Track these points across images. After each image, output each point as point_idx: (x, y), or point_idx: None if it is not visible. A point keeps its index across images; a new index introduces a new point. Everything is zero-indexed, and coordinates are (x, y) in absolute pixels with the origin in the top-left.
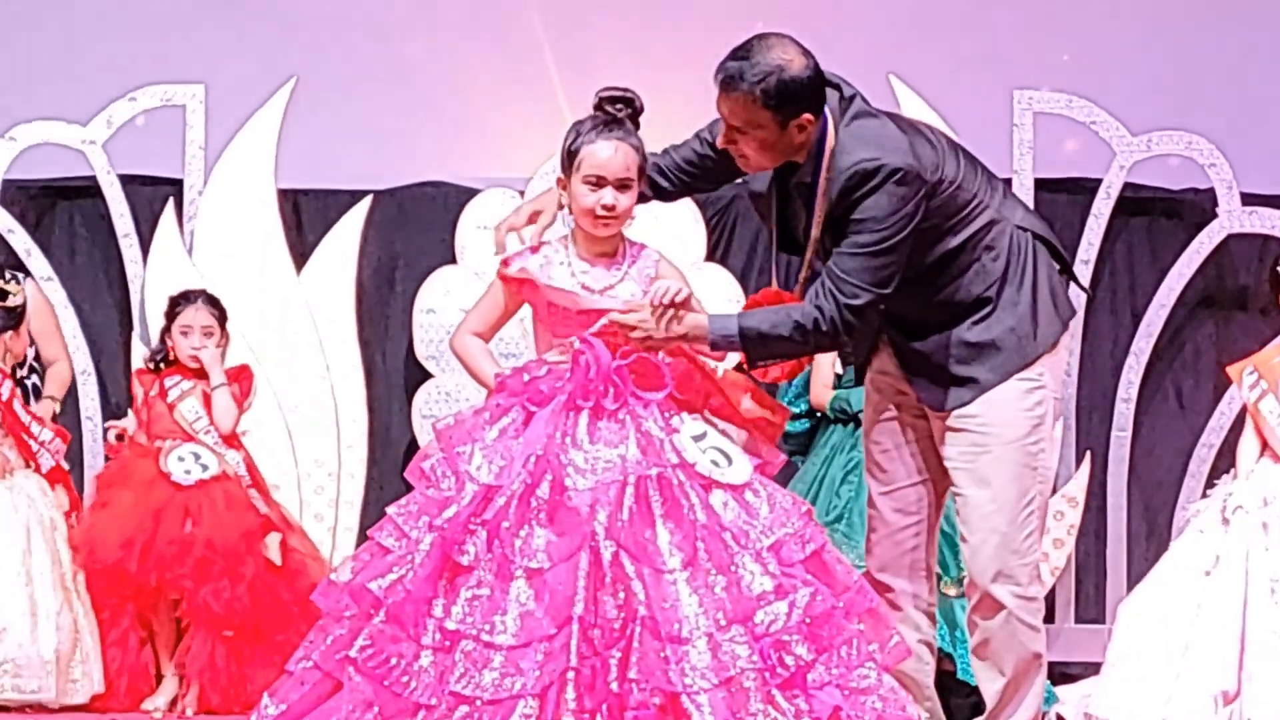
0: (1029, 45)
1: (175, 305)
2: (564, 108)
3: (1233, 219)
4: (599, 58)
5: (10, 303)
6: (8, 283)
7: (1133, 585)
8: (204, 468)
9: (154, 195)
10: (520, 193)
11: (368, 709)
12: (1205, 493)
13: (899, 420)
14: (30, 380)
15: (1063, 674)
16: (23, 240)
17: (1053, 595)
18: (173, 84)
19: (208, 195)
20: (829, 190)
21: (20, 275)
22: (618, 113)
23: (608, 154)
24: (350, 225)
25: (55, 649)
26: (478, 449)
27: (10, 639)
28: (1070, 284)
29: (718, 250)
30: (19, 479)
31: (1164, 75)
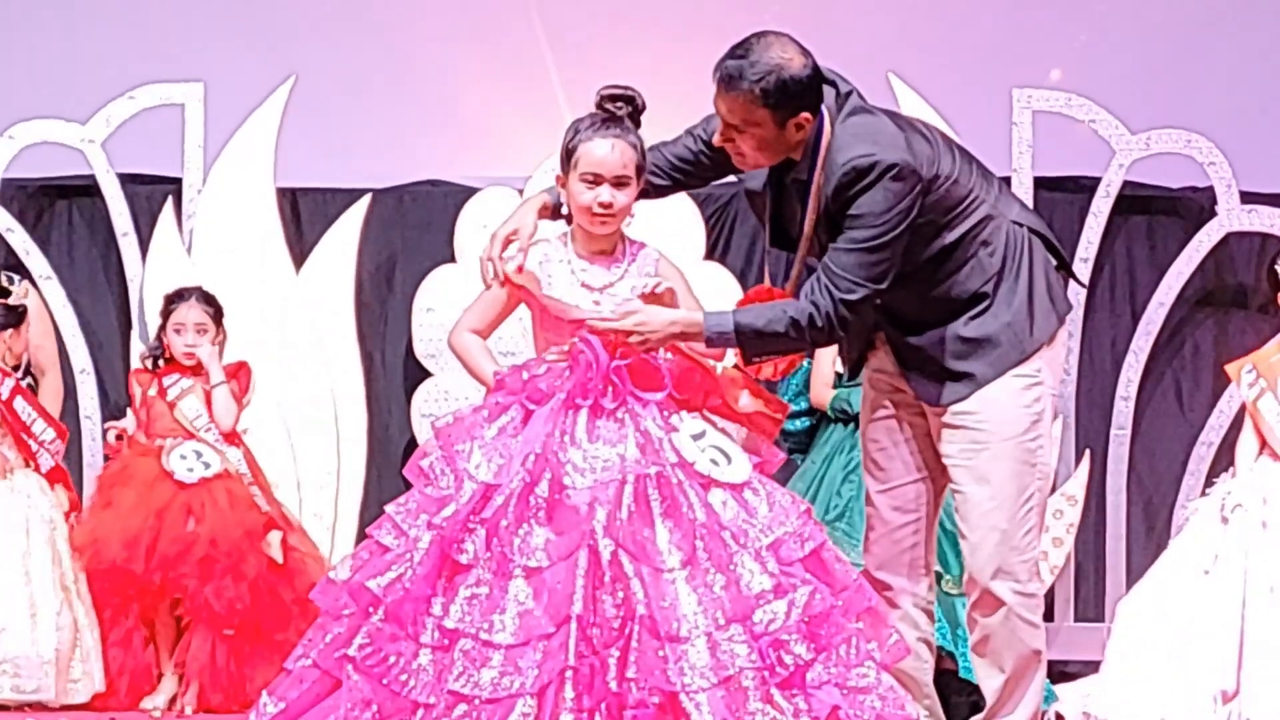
0: (1028, 44)
1: (170, 303)
2: (564, 107)
3: (1232, 217)
4: (599, 57)
5: (11, 300)
6: (9, 283)
7: (1132, 584)
8: (206, 465)
9: (153, 194)
10: (519, 191)
11: (366, 707)
12: (1204, 491)
13: (896, 417)
14: (25, 381)
15: (1062, 672)
16: (21, 239)
17: (1052, 594)
18: (172, 83)
19: (207, 194)
20: (825, 186)
21: (18, 279)
22: (618, 111)
23: (604, 151)
24: (349, 224)
25: (55, 649)
26: (476, 447)
27: (9, 638)
28: (1068, 279)
29: (717, 248)
30: (19, 478)
31: (1163, 73)
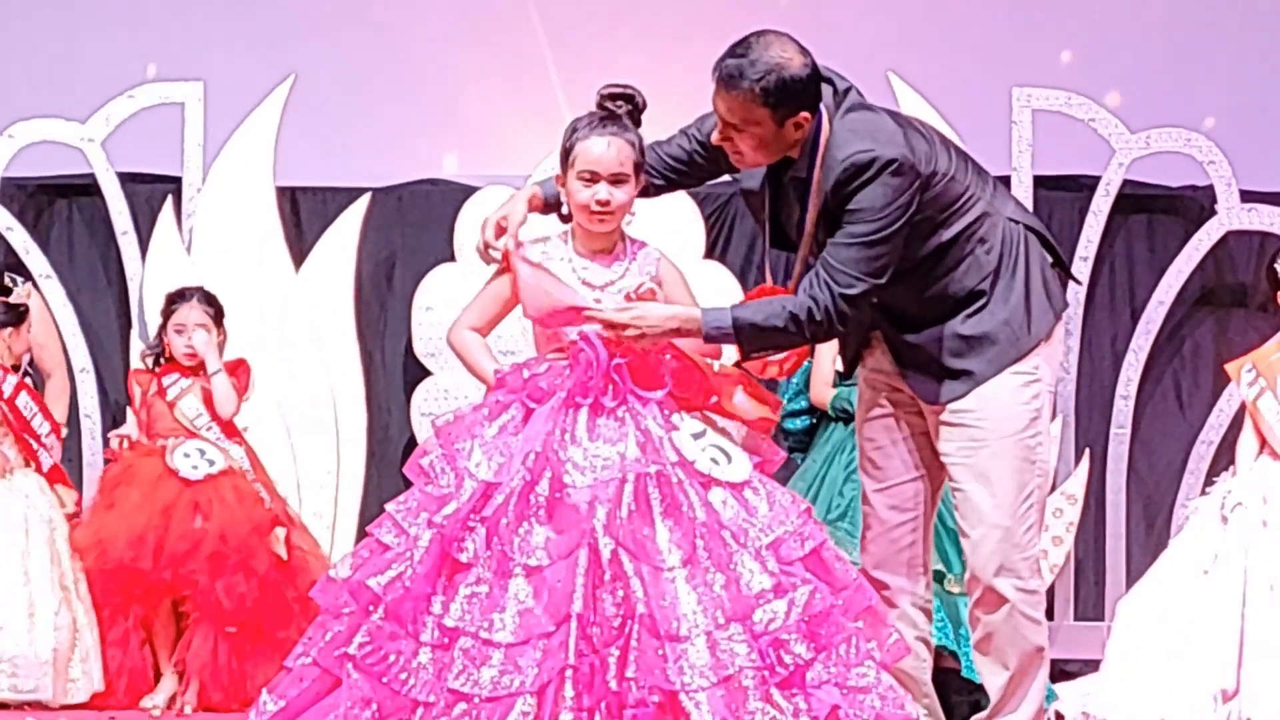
0: (1028, 44)
1: (171, 303)
2: (564, 106)
3: (1232, 216)
4: (599, 57)
5: (12, 299)
6: (12, 284)
7: (1132, 583)
8: (210, 463)
9: (152, 193)
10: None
11: (366, 706)
12: (1204, 490)
13: (893, 416)
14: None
15: (1062, 671)
16: (21, 238)
17: (1052, 592)
18: (171, 82)
19: (206, 193)
20: (824, 183)
21: (21, 280)
22: (617, 109)
23: (600, 149)
24: (349, 223)
25: (53, 648)
26: (477, 445)
27: (8, 638)
28: (1065, 278)
29: (716, 247)
30: (18, 478)
31: (1163, 73)
